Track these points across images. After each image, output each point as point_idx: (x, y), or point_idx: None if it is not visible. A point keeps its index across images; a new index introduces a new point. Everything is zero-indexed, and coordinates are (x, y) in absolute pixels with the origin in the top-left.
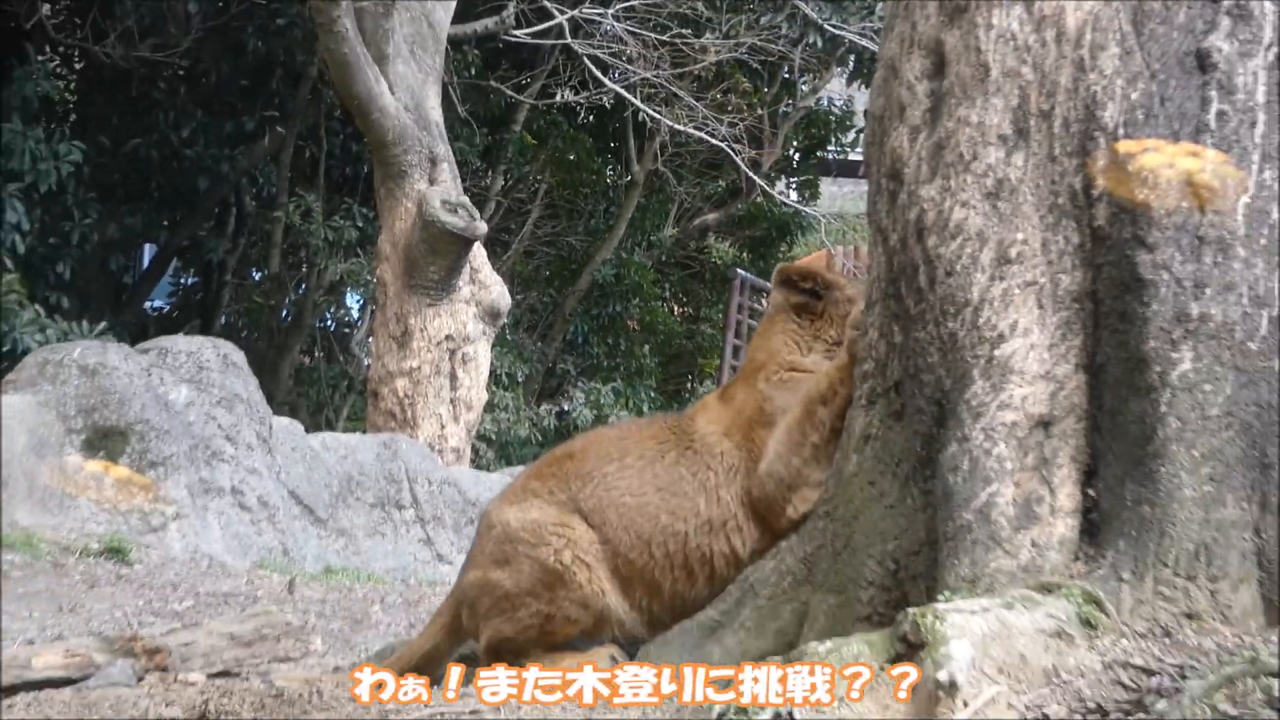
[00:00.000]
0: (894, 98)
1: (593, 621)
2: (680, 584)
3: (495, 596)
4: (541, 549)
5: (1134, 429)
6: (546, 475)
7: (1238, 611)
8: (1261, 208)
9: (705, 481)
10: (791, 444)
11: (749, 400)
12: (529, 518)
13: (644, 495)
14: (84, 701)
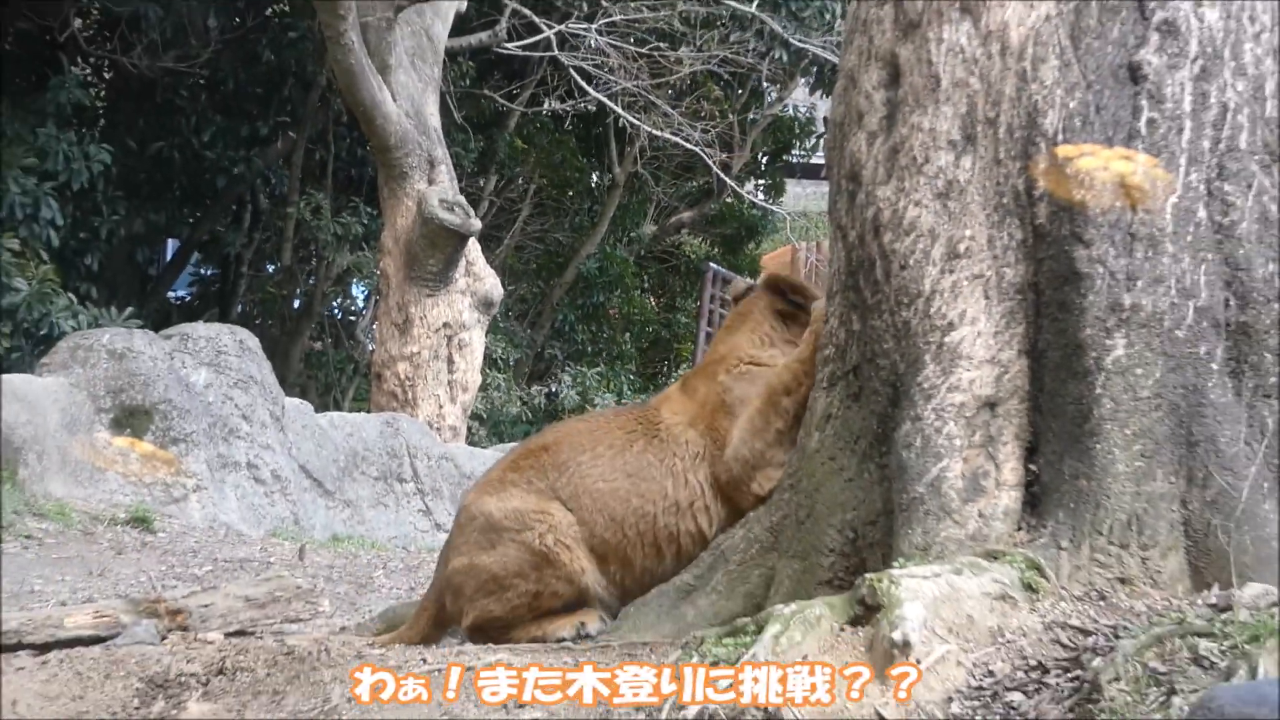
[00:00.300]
0: (853, 106)
1: (575, 595)
2: (649, 560)
3: (482, 580)
4: (526, 533)
5: (1072, 409)
6: (523, 466)
7: (1166, 577)
8: (1188, 207)
9: (672, 467)
10: (755, 429)
11: (711, 392)
12: (510, 506)
13: (615, 481)
14: (112, 658)
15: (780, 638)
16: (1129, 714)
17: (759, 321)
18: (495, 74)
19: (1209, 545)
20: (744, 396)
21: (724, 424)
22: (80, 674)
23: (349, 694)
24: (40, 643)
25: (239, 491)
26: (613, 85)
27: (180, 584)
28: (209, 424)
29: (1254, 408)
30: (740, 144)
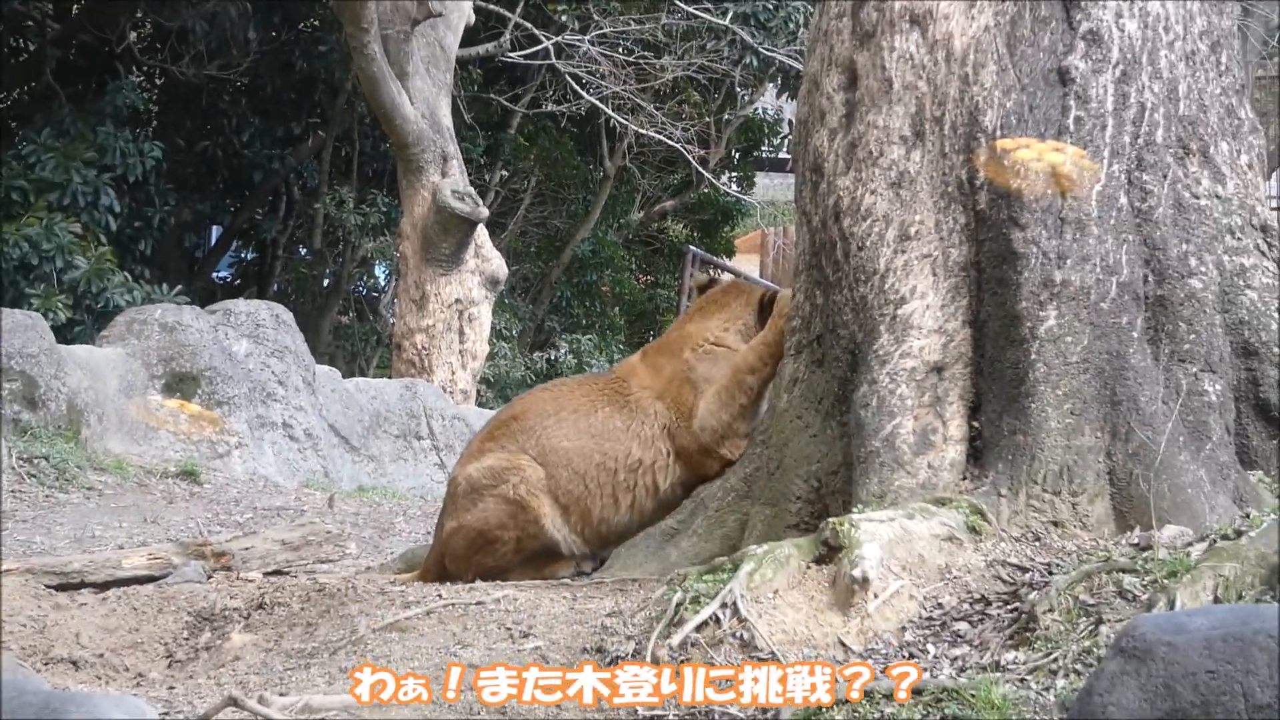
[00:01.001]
0: (816, 106)
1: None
2: (607, 510)
3: (471, 538)
4: (502, 486)
5: (1010, 373)
6: (497, 435)
7: (1094, 520)
8: (1111, 194)
9: (639, 432)
10: (723, 403)
11: (677, 368)
12: (485, 465)
13: (580, 440)
14: (164, 595)
15: (754, 574)
16: (1062, 641)
17: (736, 315)
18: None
19: (1131, 492)
20: (709, 375)
21: (689, 398)
22: (136, 609)
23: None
24: (100, 581)
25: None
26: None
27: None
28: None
29: (1170, 371)
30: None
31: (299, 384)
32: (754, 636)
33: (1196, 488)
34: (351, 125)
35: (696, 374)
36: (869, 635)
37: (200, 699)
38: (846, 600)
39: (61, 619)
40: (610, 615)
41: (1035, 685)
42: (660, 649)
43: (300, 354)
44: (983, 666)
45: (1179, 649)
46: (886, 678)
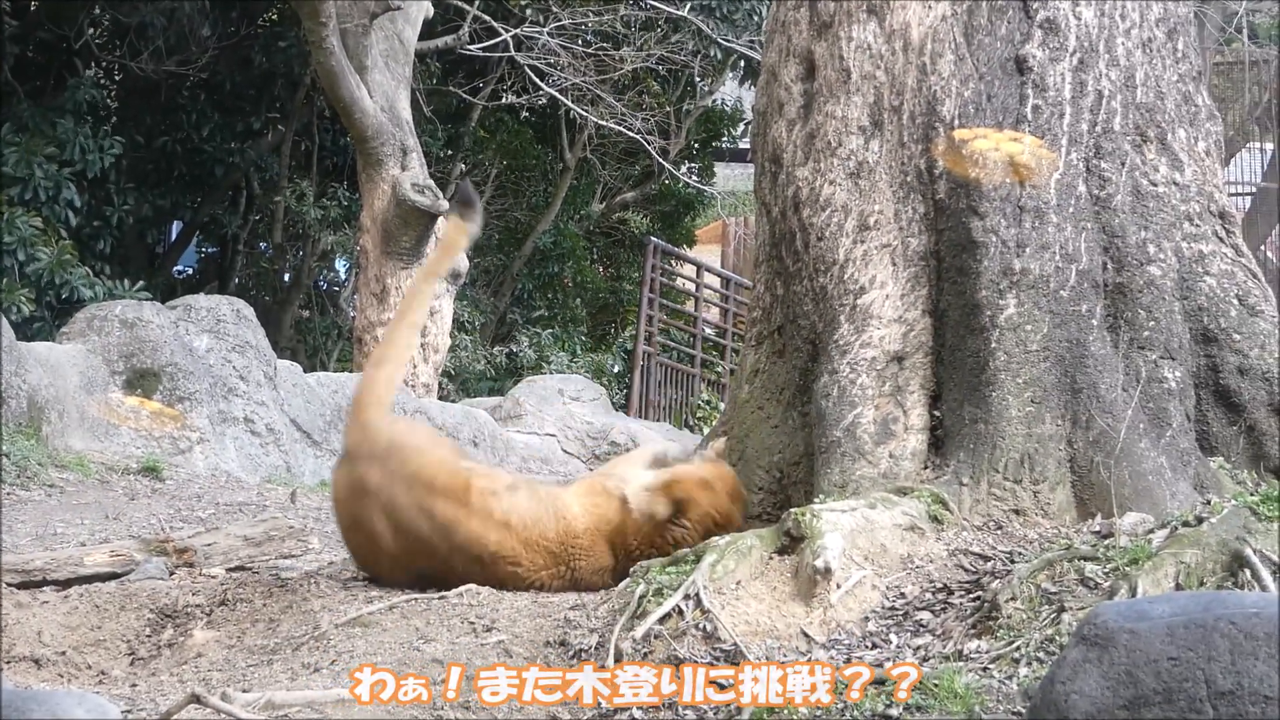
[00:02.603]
0: (774, 97)
1: None
2: None
3: None
4: None
5: (970, 362)
6: None
7: (1055, 508)
8: (1070, 183)
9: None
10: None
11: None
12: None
13: None
14: (126, 592)
15: (717, 565)
16: (1024, 629)
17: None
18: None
19: (1092, 479)
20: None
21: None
22: (98, 606)
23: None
24: (63, 579)
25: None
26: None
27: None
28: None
29: (1129, 358)
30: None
31: (260, 379)
32: (717, 628)
33: (1157, 475)
34: (311, 119)
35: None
36: (832, 625)
37: (163, 696)
38: (809, 591)
39: (23, 617)
40: (573, 608)
41: (998, 674)
42: (624, 641)
43: (261, 349)
44: (945, 655)
45: (1141, 636)
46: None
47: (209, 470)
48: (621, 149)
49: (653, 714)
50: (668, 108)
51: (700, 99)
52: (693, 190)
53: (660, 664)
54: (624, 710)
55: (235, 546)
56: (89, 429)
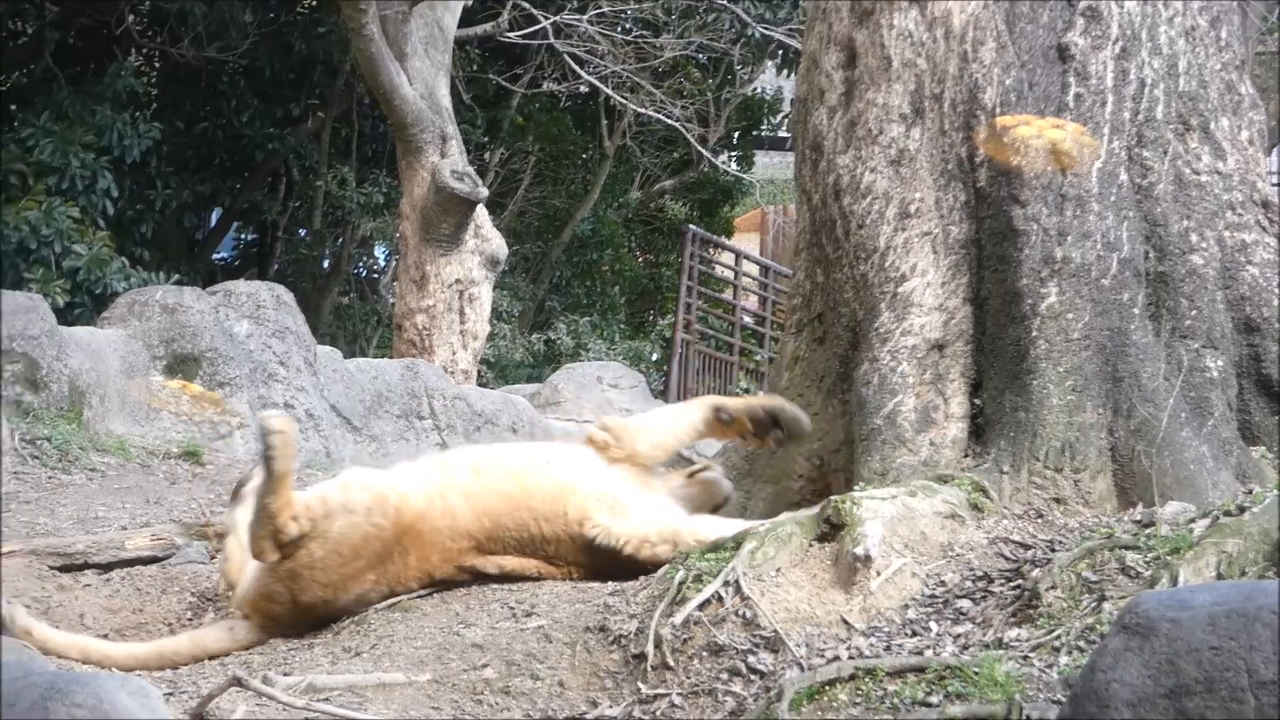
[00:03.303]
0: (815, 84)
1: None
2: None
3: None
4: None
5: (1011, 350)
6: None
7: (1096, 497)
8: (1111, 170)
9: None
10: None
11: None
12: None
13: None
14: (167, 575)
15: (756, 553)
16: (1065, 618)
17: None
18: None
19: (1133, 468)
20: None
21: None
22: (140, 589)
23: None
24: (104, 562)
25: None
26: (603, 69)
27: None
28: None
29: (1171, 347)
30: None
31: (300, 365)
32: (756, 615)
33: (1199, 464)
34: (350, 106)
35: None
36: (871, 613)
37: (205, 679)
38: (849, 578)
39: (65, 600)
40: (613, 594)
41: (1038, 662)
42: (663, 627)
43: (301, 335)
44: (986, 644)
45: (1182, 625)
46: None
47: (249, 455)
48: (660, 136)
49: (692, 699)
50: (707, 95)
51: (740, 87)
52: (731, 178)
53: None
54: (664, 696)
55: None
56: (130, 413)
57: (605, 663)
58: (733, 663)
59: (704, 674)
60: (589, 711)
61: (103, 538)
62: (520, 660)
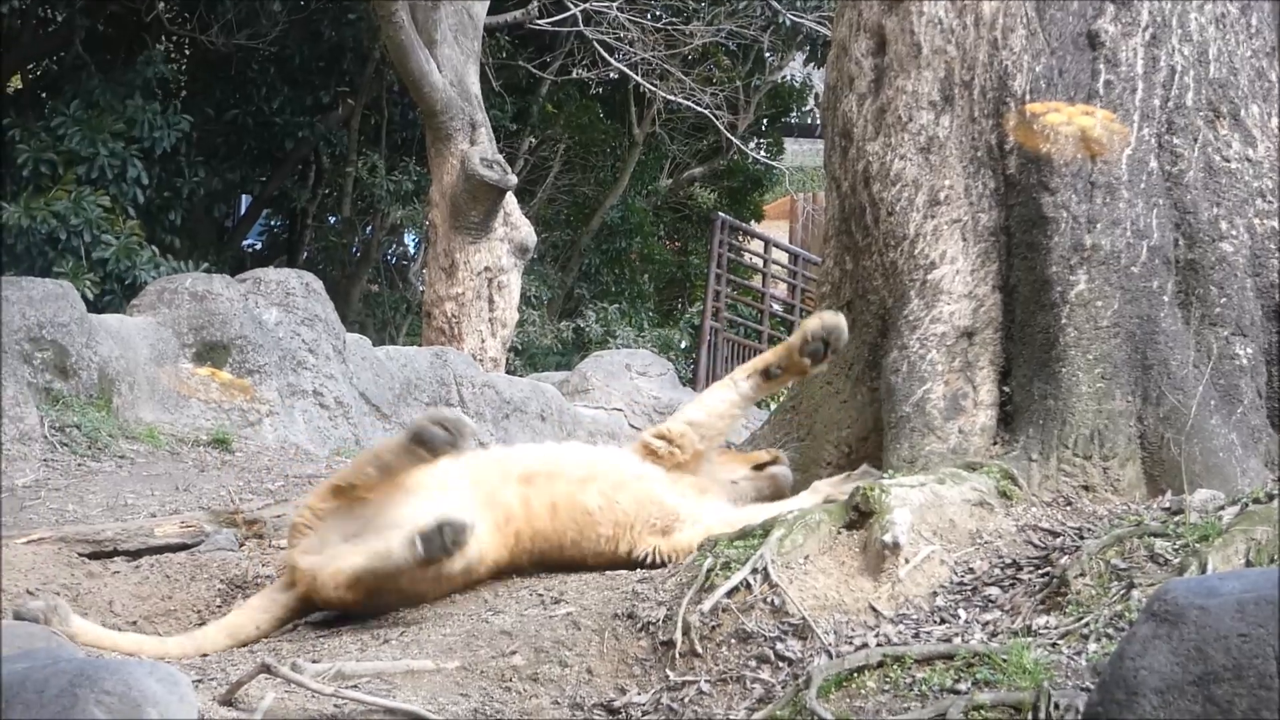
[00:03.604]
0: (844, 71)
1: None
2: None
3: None
4: None
5: (1040, 338)
6: None
7: (1125, 484)
8: (1141, 158)
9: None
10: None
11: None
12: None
13: None
14: (196, 563)
15: (785, 540)
16: (1093, 605)
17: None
18: (528, 47)
19: (1162, 456)
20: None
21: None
22: (169, 576)
23: None
24: (133, 549)
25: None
26: (632, 56)
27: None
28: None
29: (1201, 334)
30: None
31: (329, 352)
32: (785, 602)
33: (1228, 451)
34: (380, 93)
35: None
36: (900, 600)
37: (233, 666)
38: (877, 565)
39: (94, 587)
40: (641, 581)
41: (1067, 649)
42: (691, 614)
43: (330, 322)
44: (1014, 631)
45: (1211, 612)
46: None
47: (278, 443)
48: (690, 124)
49: (721, 686)
50: (737, 83)
51: (769, 74)
52: (761, 166)
53: (727, 637)
54: (692, 683)
55: None
56: (159, 401)
57: (633, 650)
58: (761, 650)
59: (732, 661)
60: (617, 698)
61: (132, 525)
62: (549, 647)
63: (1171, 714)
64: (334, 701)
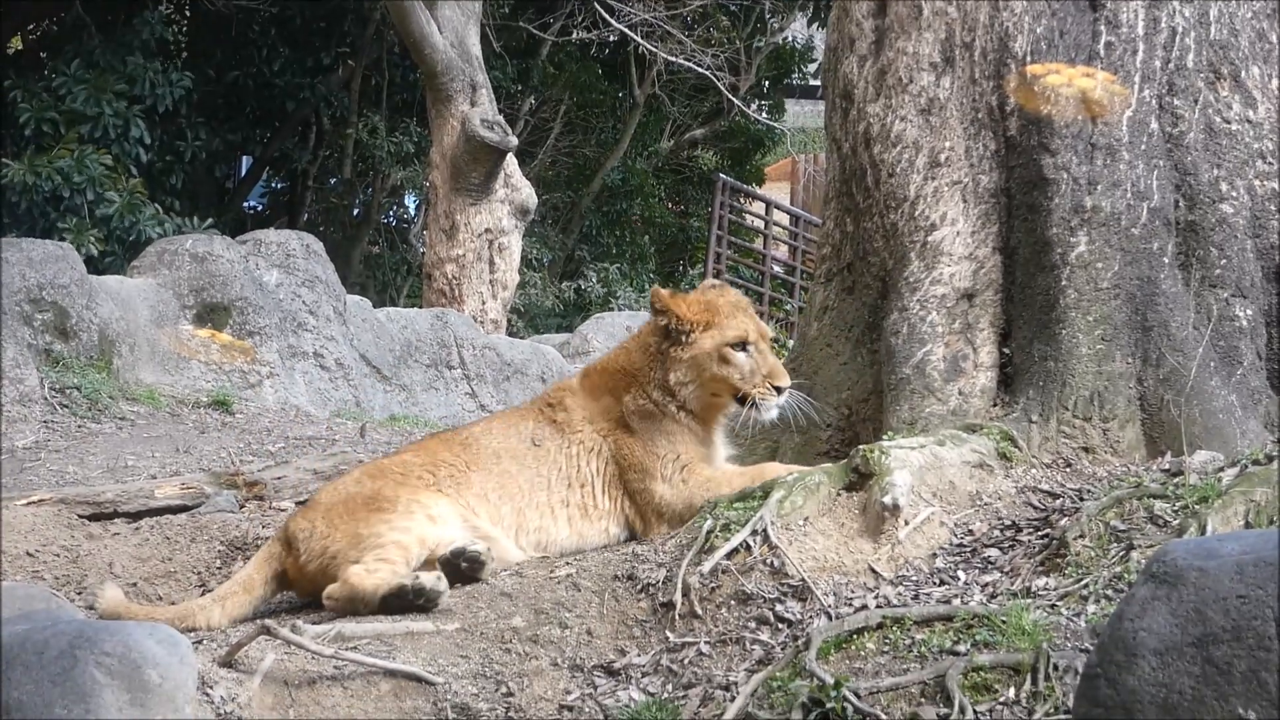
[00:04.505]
0: (846, 33)
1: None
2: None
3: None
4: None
5: (1040, 299)
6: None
7: (1125, 446)
8: (1142, 119)
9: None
10: (689, 497)
11: (616, 410)
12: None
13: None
14: (196, 524)
15: (784, 501)
16: (1093, 567)
17: (666, 368)
18: (529, 8)
19: (1162, 417)
20: (653, 442)
21: (633, 451)
22: (169, 538)
23: None
24: (133, 511)
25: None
26: (633, 17)
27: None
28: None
29: (1201, 296)
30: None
31: (330, 314)
32: (784, 563)
33: (1227, 413)
34: (381, 54)
35: (639, 429)
36: (899, 562)
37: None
38: (877, 527)
39: (95, 548)
40: (641, 543)
41: (1066, 611)
42: (691, 576)
43: (331, 284)
44: (1014, 593)
45: (1210, 574)
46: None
47: (278, 404)
48: (691, 85)
49: (720, 647)
50: (738, 44)
51: (771, 35)
52: (762, 127)
53: (727, 599)
54: (692, 644)
55: (305, 480)
56: (159, 362)
57: (633, 611)
58: (760, 611)
59: (732, 622)
60: (617, 659)
61: (132, 486)
62: (549, 609)
63: (1170, 675)
64: (334, 663)
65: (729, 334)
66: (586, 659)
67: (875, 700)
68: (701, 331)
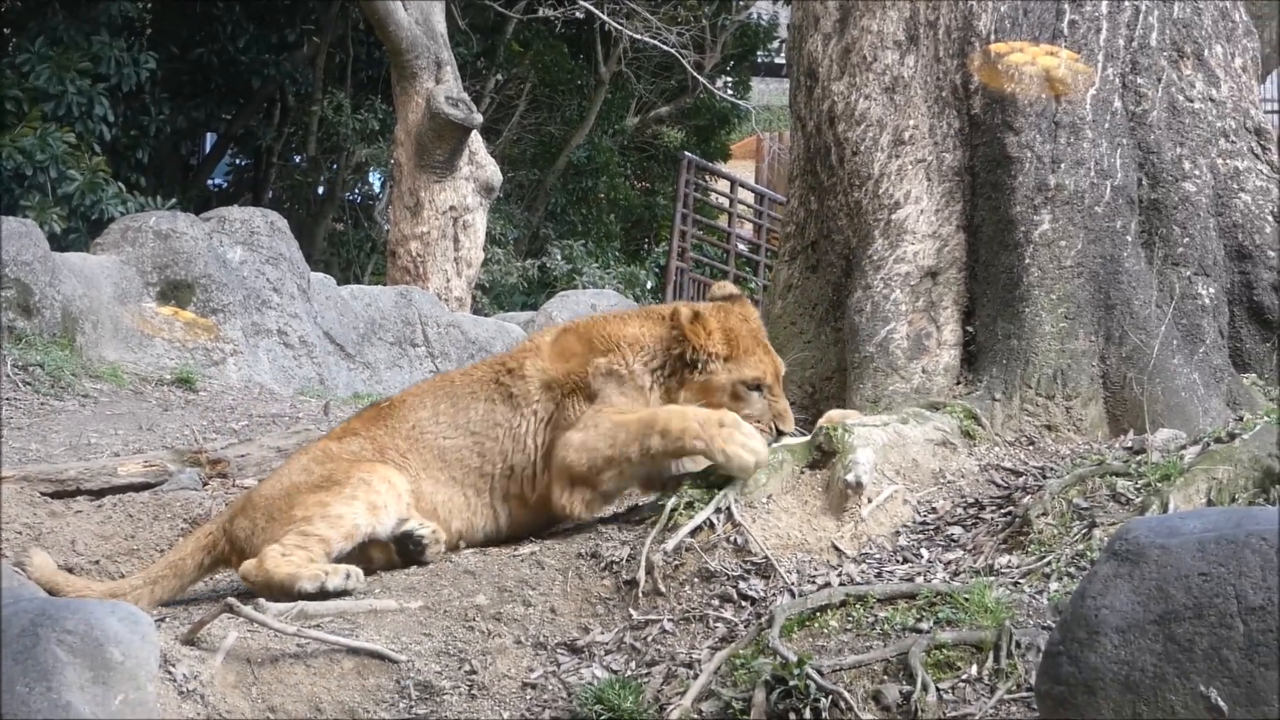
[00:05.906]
0: (810, 10)
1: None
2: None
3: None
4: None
5: (1004, 277)
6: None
7: (1088, 424)
8: (1105, 98)
9: (516, 430)
10: (613, 442)
11: (582, 368)
12: (350, 448)
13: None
14: (159, 502)
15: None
16: (1055, 545)
17: (666, 348)
18: None
19: (1125, 395)
20: (608, 395)
21: (581, 406)
22: (132, 516)
23: None
24: (96, 489)
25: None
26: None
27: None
28: (244, 296)
29: (1164, 274)
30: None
31: (294, 291)
32: (748, 541)
33: (1190, 391)
34: (346, 31)
35: (597, 385)
36: (862, 539)
37: (196, 605)
38: (840, 505)
39: (57, 526)
40: (605, 521)
41: (1029, 588)
42: (654, 554)
43: (295, 261)
44: (976, 570)
45: (1172, 552)
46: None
47: (242, 382)
48: (656, 63)
49: (684, 625)
50: (703, 21)
51: (736, 13)
52: (727, 105)
53: (691, 576)
54: (655, 622)
55: (268, 458)
56: (123, 340)
57: (597, 589)
58: (724, 589)
59: (695, 600)
60: (580, 637)
61: (95, 464)
62: (512, 586)
63: (1132, 653)
64: (296, 641)
65: (747, 373)
66: (550, 637)
67: (838, 678)
68: (720, 363)
